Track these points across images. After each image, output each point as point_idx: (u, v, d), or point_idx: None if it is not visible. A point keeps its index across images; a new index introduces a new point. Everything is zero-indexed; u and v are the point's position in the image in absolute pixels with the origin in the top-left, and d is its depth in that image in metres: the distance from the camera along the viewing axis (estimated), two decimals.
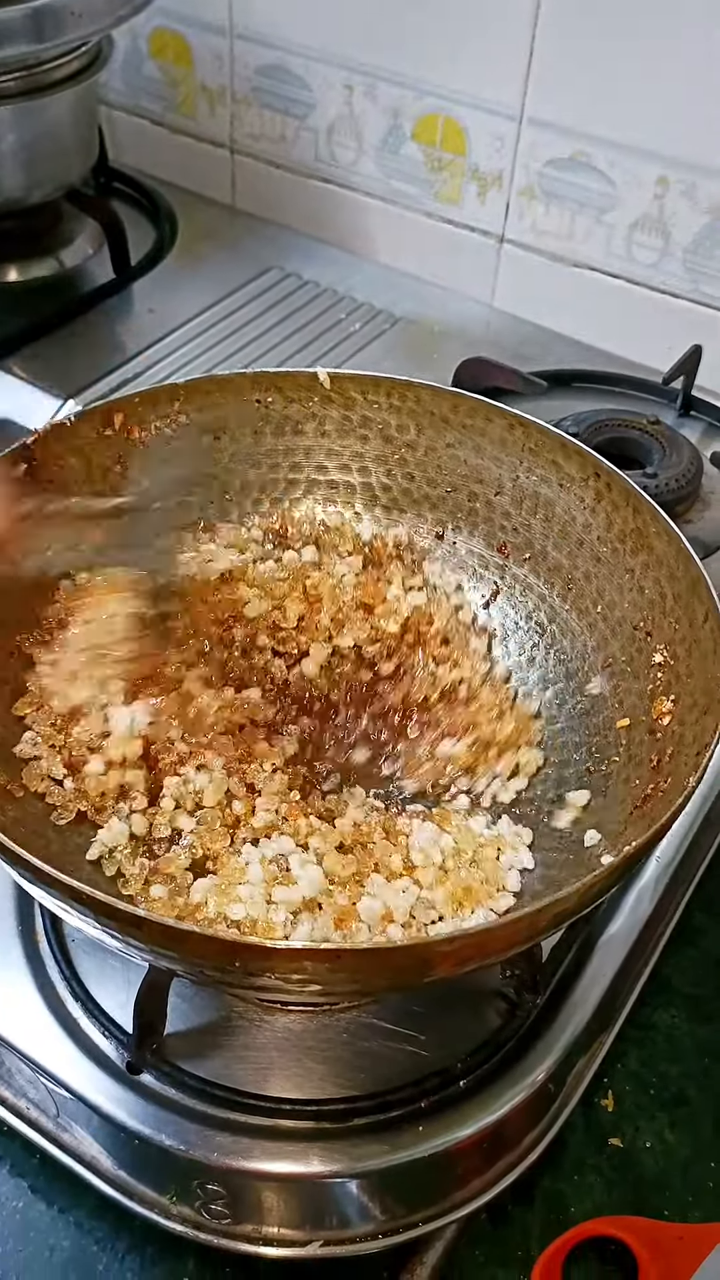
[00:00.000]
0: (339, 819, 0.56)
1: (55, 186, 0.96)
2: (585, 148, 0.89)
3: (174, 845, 0.54)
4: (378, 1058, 0.54)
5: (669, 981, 0.64)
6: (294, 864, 0.53)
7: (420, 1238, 0.53)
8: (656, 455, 0.78)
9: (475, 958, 0.43)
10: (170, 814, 0.55)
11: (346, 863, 0.53)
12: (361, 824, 0.56)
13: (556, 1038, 0.56)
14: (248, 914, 0.51)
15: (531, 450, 0.62)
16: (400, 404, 0.63)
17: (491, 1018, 0.55)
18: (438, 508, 0.65)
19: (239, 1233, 0.52)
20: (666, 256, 0.90)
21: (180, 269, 1.00)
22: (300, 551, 0.65)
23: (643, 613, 0.58)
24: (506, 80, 0.90)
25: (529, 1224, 0.56)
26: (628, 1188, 0.57)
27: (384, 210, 1.02)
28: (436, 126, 0.95)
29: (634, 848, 0.44)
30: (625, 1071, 0.61)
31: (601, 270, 0.93)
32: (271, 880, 0.52)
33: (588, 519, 0.61)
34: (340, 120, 1.00)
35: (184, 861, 0.53)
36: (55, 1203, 0.56)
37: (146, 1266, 0.54)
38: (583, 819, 0.57)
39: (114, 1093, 0.53)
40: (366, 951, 0.41)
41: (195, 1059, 0.53)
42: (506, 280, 0.99)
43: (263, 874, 0.52)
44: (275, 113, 1.04)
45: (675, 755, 0.53)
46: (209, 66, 1.05)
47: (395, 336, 0.94)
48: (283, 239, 1.05)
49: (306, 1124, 0.52)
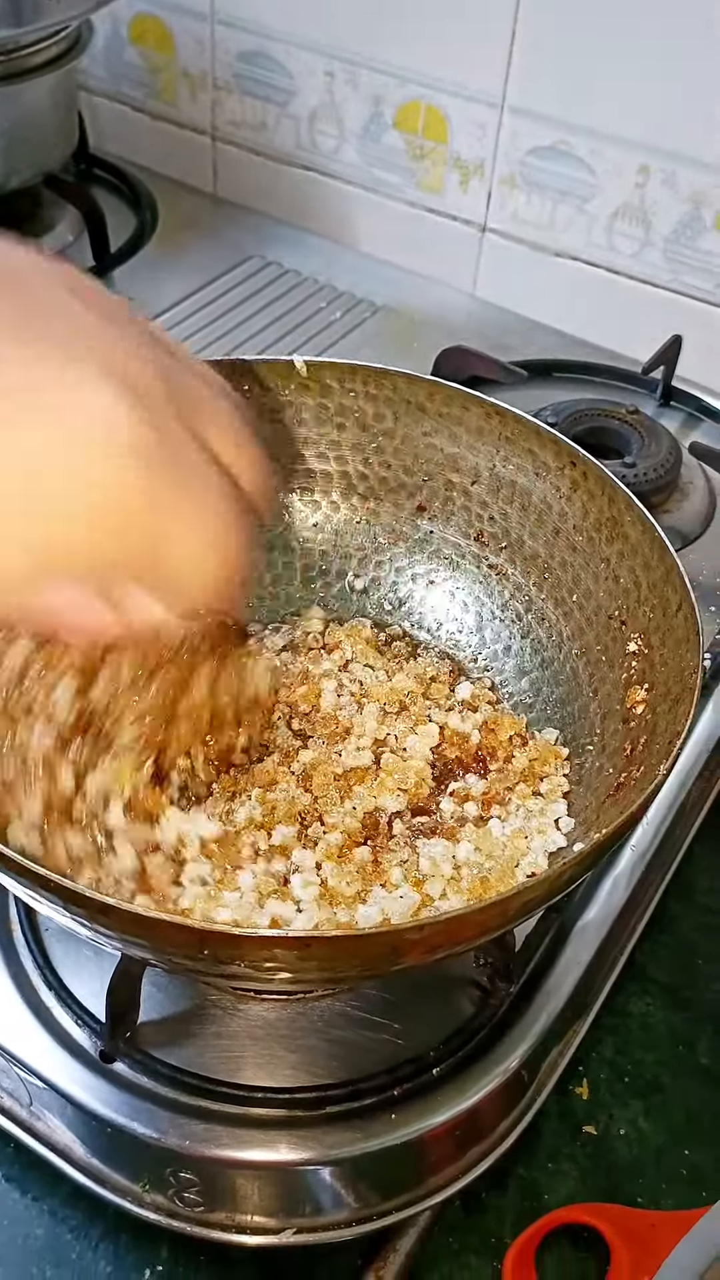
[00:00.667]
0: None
1: (34, 173, 0.95)
2: (566, 136, 0.89)
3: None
4: (351, 1046, 0.54)
5: (644, 969, 0.65)
6: (295, 882, 0.52)
7: (394, 1225, 0.53)
8: (635, 445, 0.78)
9: (445, 945, 0.43)
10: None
11: (350, 879, 0.53)
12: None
13: (530, 1025, 0.56)
14: (232, 917, 0.49)
15: (508, 439, 0.62)
16: (377, 392, 0.63)
17: (465, 1005, 0.56)
18: (414, 496, 0.65)
19: (212, 1220, 0.52)
20: (647, 246, 0.90)
21: (160, 257, 1.00)
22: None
23: (618, 601, 0.58)
24: (488, 68, 0.89)
25: (503, 1211, 0.56)
26: (601, 1175, 0.57)
27: (365, 198, 1.02)
28: (418, 114, 0.95)
29: (604, 835, 0.44)
30: (600, 1059, 0.61)
31: (583, 260, 0.93)
32: (268, 892, 0.51)
33: (564, 507, 0.61)
34: (322, 107, 1.00)
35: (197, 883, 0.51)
36: (29, 1191, 0.56)
37: (120, 1254, 0.54)
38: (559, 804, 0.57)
39: (87, 1081, 0.52)
40: (335, 939, 0.41)
41: (168, 1047, 0.53)
42: (488, 269, 0.99)
43: (254, 883, 0.51)
44: (256, 100, 1.03)
45: (648, 744, 0.53)
46: (190, 53, 1.05)
47: (376, 325, 0.94)
48: (264, 227, 1.05)
49: (279, 1112, 0.52)
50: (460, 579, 0.65)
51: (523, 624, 0.63)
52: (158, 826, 0.50)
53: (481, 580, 0.64)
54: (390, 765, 0.57)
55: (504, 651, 0.63)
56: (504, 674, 0.63)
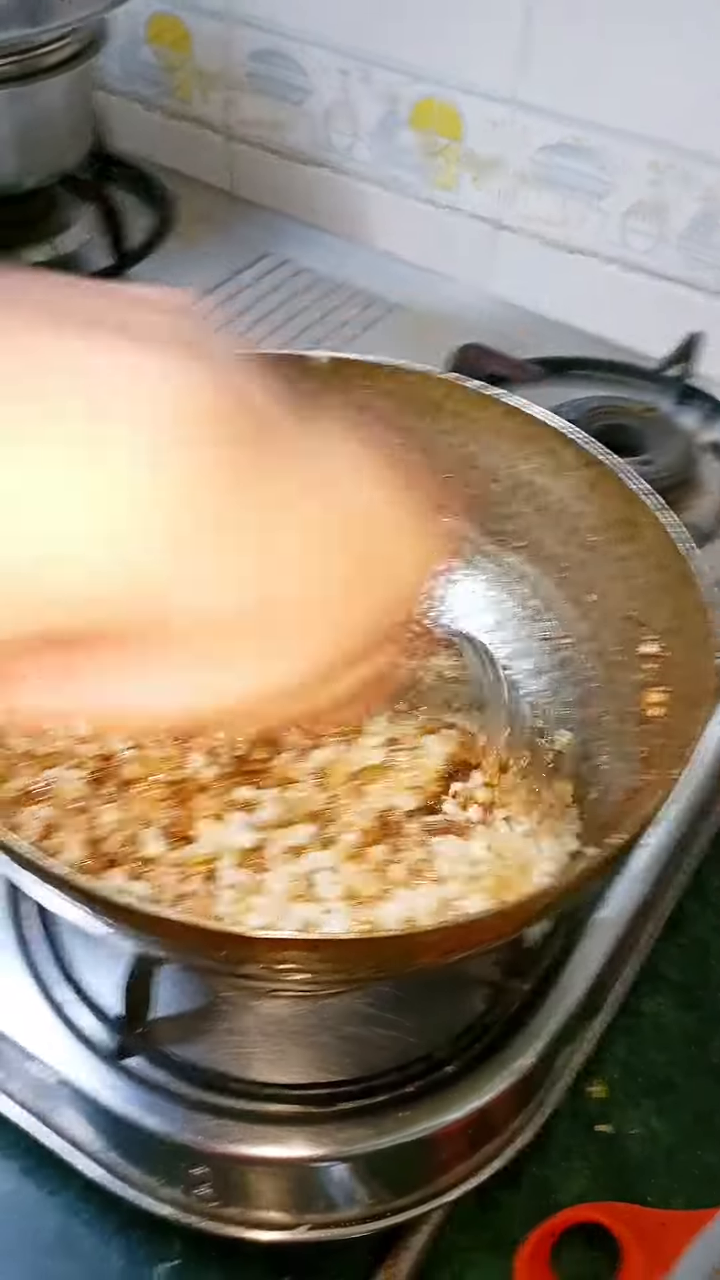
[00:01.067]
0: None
1: (50, 172, 0.96)
2: (580, 133, 0.89)
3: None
4: (363, 1043, 0.54)
5: (658, 969, 0.65)
6: (320, 882, 0.52)
7: (406, 1222, 0.53)
8: (652, 443, 0.78)
9: (460, 948, 0.43)
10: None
11: (368, 879, 0.52)
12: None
13: (544, 1024, 0.56)
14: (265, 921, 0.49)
15: (526, 438, 0.62)
16: (394, 389, 0.63)
17: (478, 1003, 0.56)
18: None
19: (226, 1215, 0.52)
20: (662, 242, 0.90)
21: (177, 255, 1.00)
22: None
23: (634, 602, 0.58)
24: (501, 65, 0.89)
25: (515, 1209, 0.56)
26: (614, 1174, 0.57)
27: (380, 196, 1.02)
28: (432, 112, 0.95)
29: (620, 841, 0.44)
30: (613, 1058, 0.61)
31: (597, 256, 0.93)
32: (295, 895, 0.51)
33: (581, 507, 0.61)
34: (336, 106, 1.00)
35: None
36: (44, 1185, 0.56)
37: (134, 1248, 0.54)
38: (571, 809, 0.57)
39: (101, 1076, 0.53)
40: (350, 941, 0.41)
41: (182, 1043, 0.53)
42: (503, 266, 0.98)
43: (285, 887, 0.51)
44: (271, 98, 1.03)
45: (664, 747, 0.52)
46: (206, 51, 1.05)
47: (390, 323, 0.94)
48: (279, 225, 1.05)
49: (292, 1108, 0.52)
50: (478, 577, 0.65)
51: (541, 624, 0.63)
52: (195, 844, 0.51)
53: (500, 579, 0.64)
54: (403, 763, 0.57)
55: (521, 651, 0.63)
56: (520, 673, 0.63)
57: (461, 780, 0.58)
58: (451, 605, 0.65)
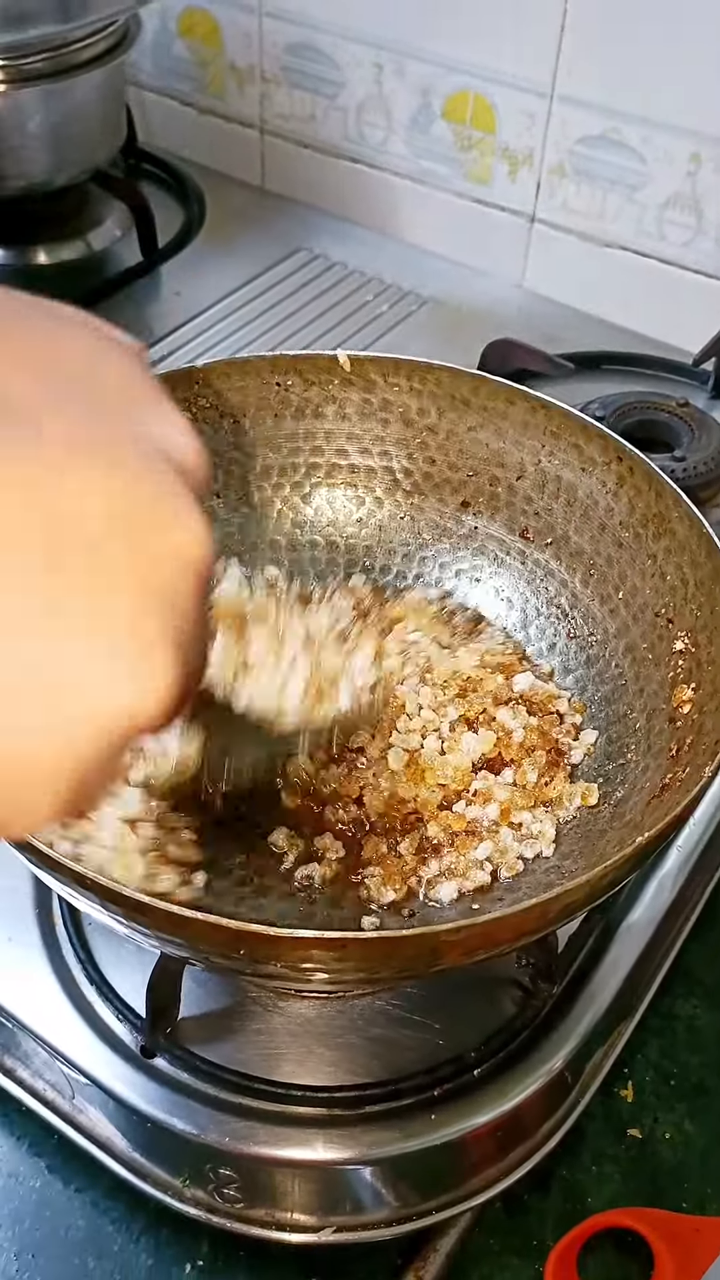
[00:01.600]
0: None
1: (83, 169, 0.96)
2: (617, 124, 0.88)
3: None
4: (390, 1044, 0.53)
5: (690, 971, 0.64)
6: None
7: (434, 1225, 0.53)
8: (685, 438, 0.77)
9: (483, 948, 0.43)
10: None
11: (396, 883, 0.53)
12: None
13: (574, 1026, 0.55)
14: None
15: (553, 433, 0.61)
16: (421, 387, 0.63)
17: (507, 1005, 0.55)
18: (459, 492, 0.65)
19: (252, 1217, 0.52)
20: (699, 235, 0.88)
21: (208, 251, 1.00)
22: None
23: (664, 599, 0.57)
24: (537, 56, 0.88)
25: (545, 1213, 0.55)
26: (645, 1178, 0.57)
27: (413, 190, 1.01)
28: (466, 104, 0.94)
29: (647, 838, 0.44)
30: (645, 1061, 0.60)
31: (632, 250, 0.92)
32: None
33: (610, 503, 0.60)
34: (369, 99, 0.99)
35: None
36: (71, 1182, 0.56)
37: (161, 1247, 0.54)
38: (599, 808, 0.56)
39: (128, 1076, 0.53)
40: (373, 940, 0.41)
41: (208, 1043, 0.53)
42: (536, 260, 0.98)
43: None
44: (304, 92, 1.03)
45: (694, 744, 0.52)
46: (238, 45, 1.05)
47: (423, 318, 0.93)
48: (311, 219, 1.04)
49: (318, 1110, 0.51)
50: (505, 575, 0.65)
51: (568, 621, 0.62)
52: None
53: (526, 576, 0.64)
54: (435, 762, 0.57)
55: (549, 649, 0.62)
56: (547, 670, 0.62)
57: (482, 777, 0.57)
58: (478, 603, 0.65)
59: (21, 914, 0.58)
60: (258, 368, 0.63)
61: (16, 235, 0.99)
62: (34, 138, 0.90)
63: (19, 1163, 0.56)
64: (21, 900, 0.59)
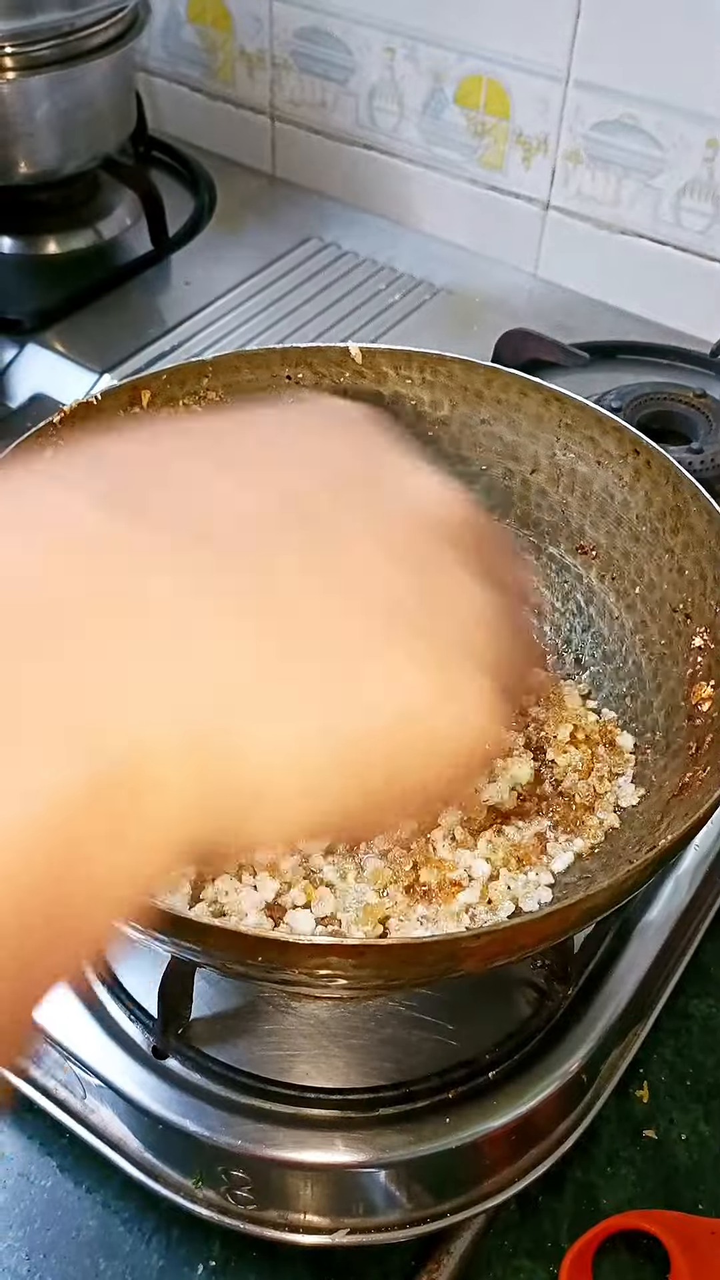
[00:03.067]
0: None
1: (92, 156, 0.95)
2: (633, 110, 0.86)
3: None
4: (404, 1046, 0.53)
5: (707, 970, 0.63)
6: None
7: (448, 1227, 0.52)
8: (703, 430, 0.76)
9: (503, 954, 0.42)
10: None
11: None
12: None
13: (590, 1028, 0.55)
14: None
15: (568, 426, 0.60)
16: (433, 379, 0.62)
17: (521, 1007, 0.55)
18: (471, 486, 0.64)
19: (264, 1218, 0.52)
20: (717, 223, 0.87)
21: (219, 240, 0.99)
22: None
23: (682, 594, 0.56)
24: (552, 40, 0.87)
25: (559, 1215, 0.55)
26: (660, 1180, 0.56)
27: (426, 177, 1.00)
28: (480, 89, 0.93)
29: (670, 841, 0.43)
30: (660, 1062, 0.60)
31: (649, 237, 0.91)
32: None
33: (626, 497, 0.59)
34: (381, 84, 0.98)
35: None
36: (83, 1182, 0.56)
37: (172, 1248, 0.54)
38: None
39: (140, 1077, 0.52)
40: (392, 947, 0.40)
41: (220, 1045, 0.53)
42: (551, 248, 0.96)
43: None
44: (315, 77, 1.02)
45: (714, 742, 0.51)
46: (248, 30, 1.04)
47: (436, 307, 0.92)
48: (322, 208, 1.03)
49: (331, 1113, 0.51)
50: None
51: (584, 617, 0.61)
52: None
53: (541, 572, 0.63)
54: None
55: (565, 645, 0.62)
56: (565, 668, 0.61)
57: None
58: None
59: None
60: (268, 360, 0.62)
61: (26, 224, 0.98)
62: (43, 125, 0.89)
63: (30, 1162, 0.56)
64: None
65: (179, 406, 0.60)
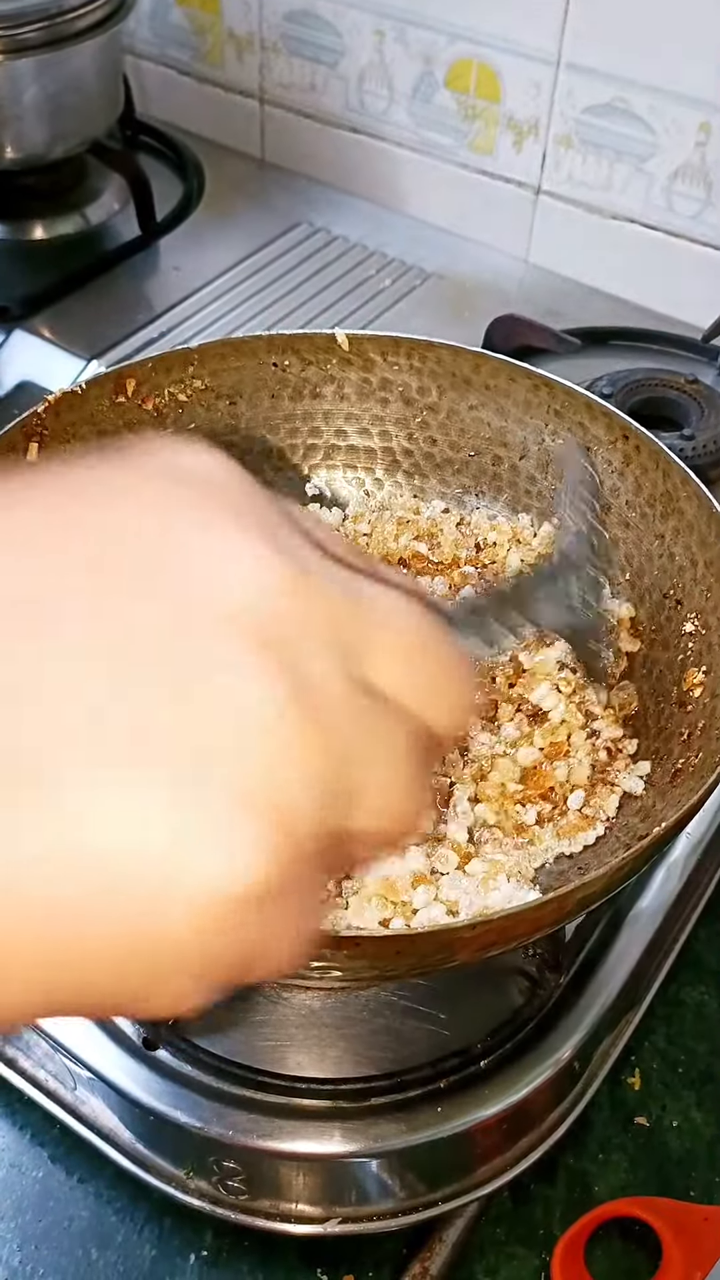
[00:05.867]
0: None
1: (79, 140, 0.94)
2: (624, 93, 0.86)
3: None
4: (397, 1035, 0.53)
5: (699, 957, 0.63)
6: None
7: (440, 1216, 0.52)
8: (694, 416, 0.76)
9: (499, 943, 0.42)
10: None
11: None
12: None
13: (582, 1016, 0.55)
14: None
15: (557, 412, 0.60)
16: (421, 365, 0.61)
17: (514, 996, 0.54)
18: (461, 473, 0.63)
19: (257, 1208, 0.51)
20: (709, 207, 0.87)
21: (207, 224, 0.98)
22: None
23: (672, 580, 0.56)
24: (542, 22, 0.86)
25: (551, 1203, 0.55)
26: (653, 1167, 0.56)
27: (416, 161, 0.99)
28: (470, 73, 0.92)
29: (663, 829, 0.43)
30: (652, 1049, 0.60)
31: (640, 222, 0.90)
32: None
33: (616, 483, 0.59)
34: (371, 67, 0.97)
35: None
36: (75, 1173, 0.56)
37: (164, 1238, 0.54)
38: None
39: (130, 1068, 0.52)
40: (387, 939, 0.40)
41: (211, 1035, 0.53)
42: (542, 233, 0.96)
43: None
44: (304, 60, 1.01)
45: (706, 729, 0.51)
46: (237, 12, 1.03)
47: (426, 293, 0.92)
48: (312, 192, 1.03)
49: (323, 1103, 0.51)
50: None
51: None
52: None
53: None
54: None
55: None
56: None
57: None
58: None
59: None
60: (254, 347, 0.62)
61: (12, 209, 0.97)
62: (29, 109, 0.88)
63: (21, 1153, 0.56)
64: None
65: (164, 394, 0.60)
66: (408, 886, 0.49)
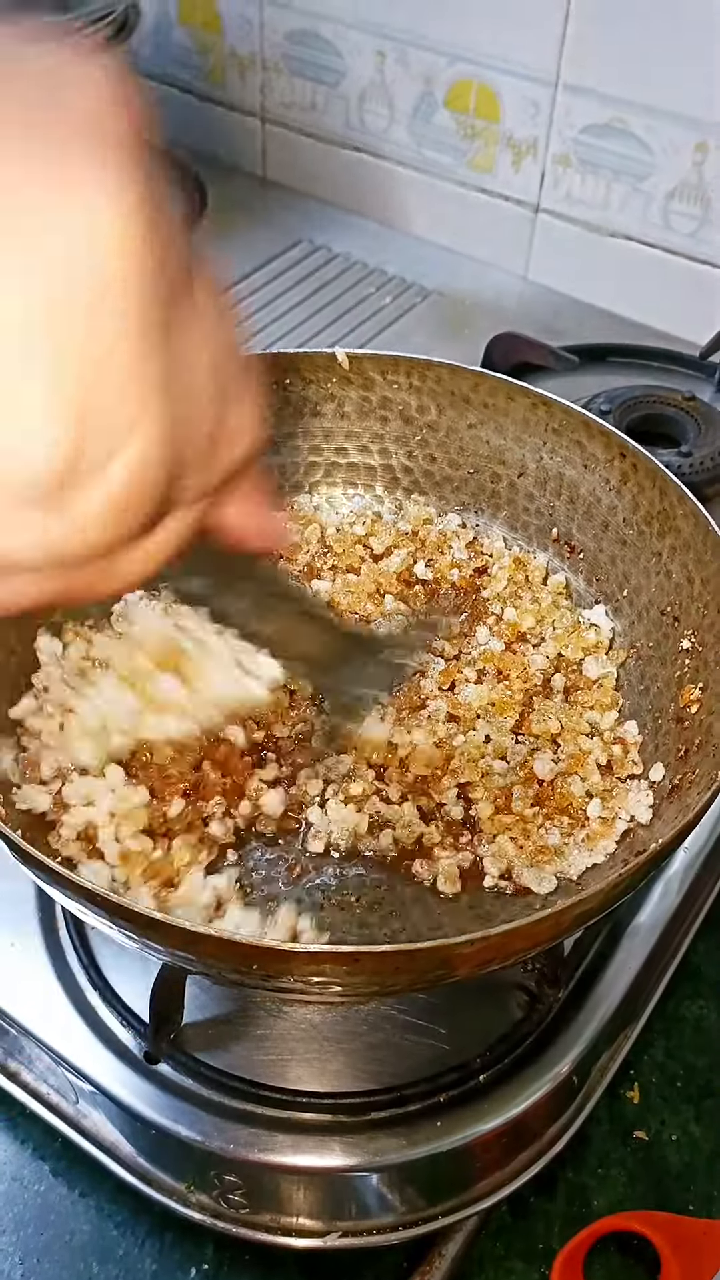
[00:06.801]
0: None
1: None
2: (622, 114, 0.87)
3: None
4: (396, 1050, 0.53)
5: (698, 971, 0.63)
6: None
7: (440, 1230, 0.52)
8: (691, 433, 0.76)
9: (497, 959, 0.42)
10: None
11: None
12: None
13: (581, 1030, 0.55)
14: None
15: (555, 430, 0.60)
16: (420, 384, 0.62)
17: (513, 1011, 0.55)
18: (460, 490, 0.64)
19: (257, 1222, 0.52)
20: (705, 225, 0.87)
21: (209, 242, 0.99)
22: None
23: (670, 597, 0.57)
24: (541, 44, 0.87)
25: (550, 1217, 0.55)
26: (651, 1181, 0.56)
27: (416, 180, 1.00)
28: (469, 93, 0.93)
29: (660, 844, 0.43)
30: (651, 1063, 0.60)
31: (638, 240, 0.91)
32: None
33: (613, 500, 0.59)
34: (372, 87, 0.98)
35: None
36: (76, 1186, 0.56)
37: (165, 1251, 0.54)
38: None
39: (131, 1083, 0.52)
40: (386, 954, 0.40)
41: (212, 1050, 0.53)
42: (541, 251, 0.97)
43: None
44: (306, 80, 1.02)
45: (703, 745, 0.51)
46: (239, 33, 1.04)
47: (426, 310, 0.92)
48: (313, 210, 1.04)
49: (324, 1117, 0.51)
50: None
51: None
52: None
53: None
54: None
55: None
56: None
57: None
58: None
59: (25, 919, 0.58)
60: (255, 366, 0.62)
61: None
62: None
63: (23, 1167, 0.56)
64: (25, 905, 0.58)
65: None
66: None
